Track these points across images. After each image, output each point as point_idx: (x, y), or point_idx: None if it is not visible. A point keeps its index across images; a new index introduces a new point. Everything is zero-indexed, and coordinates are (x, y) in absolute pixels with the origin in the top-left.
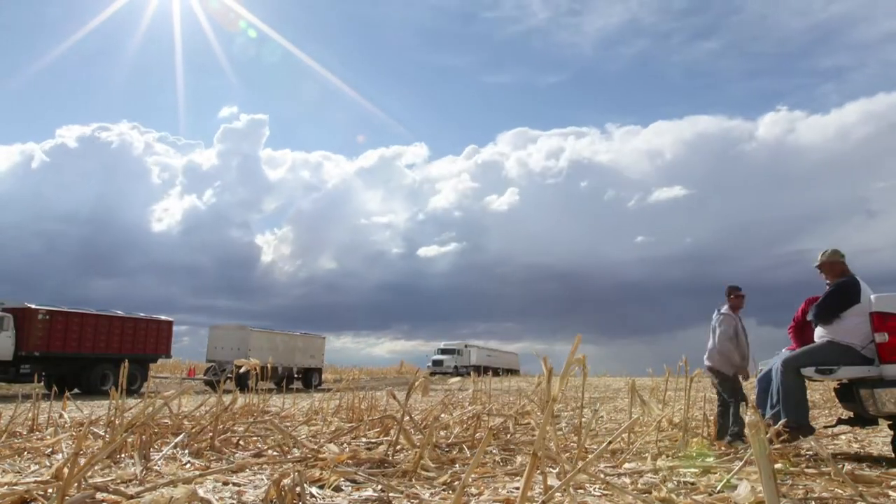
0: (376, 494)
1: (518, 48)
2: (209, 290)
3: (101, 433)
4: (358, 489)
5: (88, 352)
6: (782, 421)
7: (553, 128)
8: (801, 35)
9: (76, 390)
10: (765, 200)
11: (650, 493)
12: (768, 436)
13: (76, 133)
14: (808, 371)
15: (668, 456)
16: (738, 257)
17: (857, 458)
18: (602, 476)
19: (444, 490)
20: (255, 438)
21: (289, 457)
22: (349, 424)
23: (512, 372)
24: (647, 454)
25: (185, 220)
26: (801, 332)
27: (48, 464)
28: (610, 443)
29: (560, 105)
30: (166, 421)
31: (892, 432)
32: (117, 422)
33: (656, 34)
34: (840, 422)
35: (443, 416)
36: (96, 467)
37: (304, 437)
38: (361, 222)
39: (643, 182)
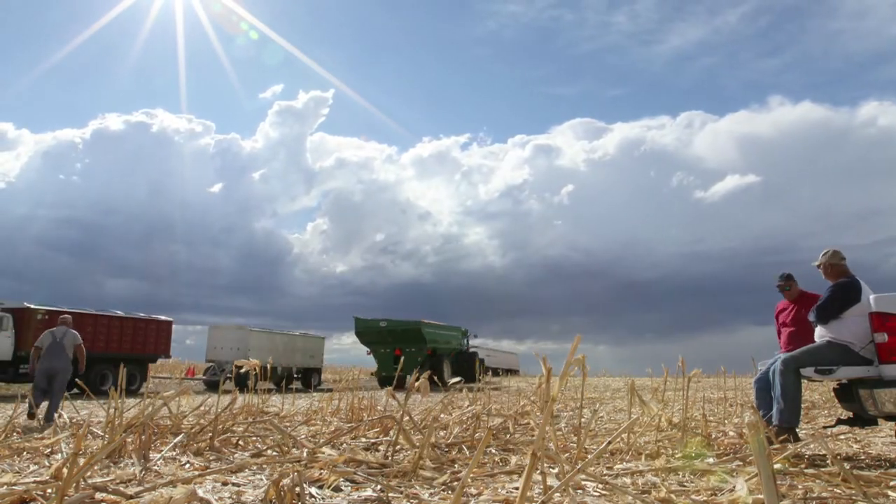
0: (375, 494)
1: (589, 63)
2: (238, 284)
3: (101, 433)
4: (357, 489)
5: (87, 351)
6: (776, 421)
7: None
8: (864, 52)
9: (75, 390)
10: (838, 192)
11: (650, 493)
12: (767, 436)
13: (94, 125)
14: (808, 371)
15: (667, 456)
16: (797, 249)
17: (857, 458)
18: (601, 476)
19: (443, 490)
20: (255, 438)
21: (288, 457)
22: (349, 424)
23: (512, 372)
24: (646, 454)
25: (221, 211)
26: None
27: (47, 464)
28: (609, 443)
29: (616, 115)
30: (166, 421)
31: (892, 432)
32: (116, 422)
33: (725, 52)
34: (839, 422)
35: (442, 416)
36: (95, 467)
37: (303, 437)
38: (402, 215)
39: (707, 174)
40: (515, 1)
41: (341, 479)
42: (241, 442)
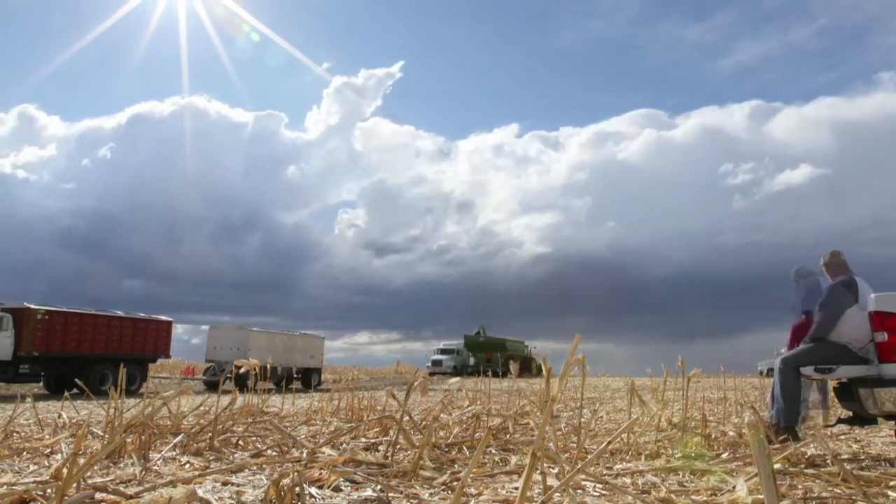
0: (375, 494)
1: (649, 78)
2: (261, 281)
3: (100, 433)
4: (357, 489)
5: (87, 352)
6: (775, 420)
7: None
8: None
9: (75, 390)
10: None
11: (650, 493)
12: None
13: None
14: (808, 370)
15: (667, 456)
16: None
17: (857, 459)
18: (601, 476)
19: (443, 490)
20: (255, 438)
21: (288, 457)
22: (348, 424)
23: None
24: (646, 454)
25: (250, 204)
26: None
27: (47, 464)
28: (609, 443)
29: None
30: (165, 421)
31: (892, 432)
32: (116, 422)
33: (782, 70)
34: (840, 421)
35: (442, 416)
36: (95, 467)
37: (303, 437)
38: (443, 209)
39: (779, 165)
40: (595, 16)
41: (341, 479)
42: (240, 442)
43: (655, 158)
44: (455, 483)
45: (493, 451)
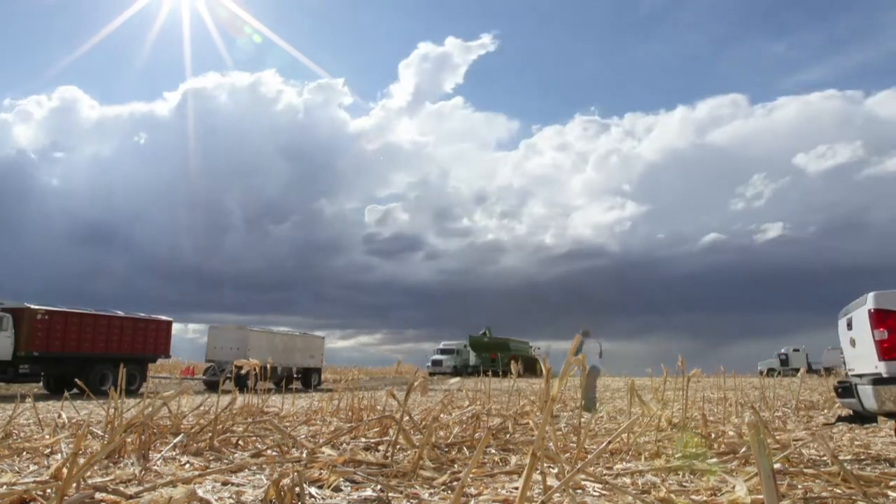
0: (375, 494)
1: (718, 82)
2: (289, 279)
3: (100, 433)
4: (357, 489)
5: (87, 352)
6: None
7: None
8: None
9: (75, 390)
10: None
11: (650, 493)
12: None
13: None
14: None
15: (667, 456)
16: None
17: (857, 459)
18: (601, 476)
19: (443, 490)
20: (255, 438)
21: (288, 457)
22: (348, 424)
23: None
24: (646, 454)
25: (289, 198)
26: None
27: (47, 464)
28: (609, 443)
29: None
30: (165, 421)
31: (892, 432)
32: (116, 422)
33: (844, 86)
34: (840, 420)
35: (442, 416)
36: (95, 467)
37: (303, 437)
38: (496, 201)
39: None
40: (694, 31)
41: (341, 479)
42: (240, 442)
43: (737, 145)
44: (455, 483)
45: (493, 451)
